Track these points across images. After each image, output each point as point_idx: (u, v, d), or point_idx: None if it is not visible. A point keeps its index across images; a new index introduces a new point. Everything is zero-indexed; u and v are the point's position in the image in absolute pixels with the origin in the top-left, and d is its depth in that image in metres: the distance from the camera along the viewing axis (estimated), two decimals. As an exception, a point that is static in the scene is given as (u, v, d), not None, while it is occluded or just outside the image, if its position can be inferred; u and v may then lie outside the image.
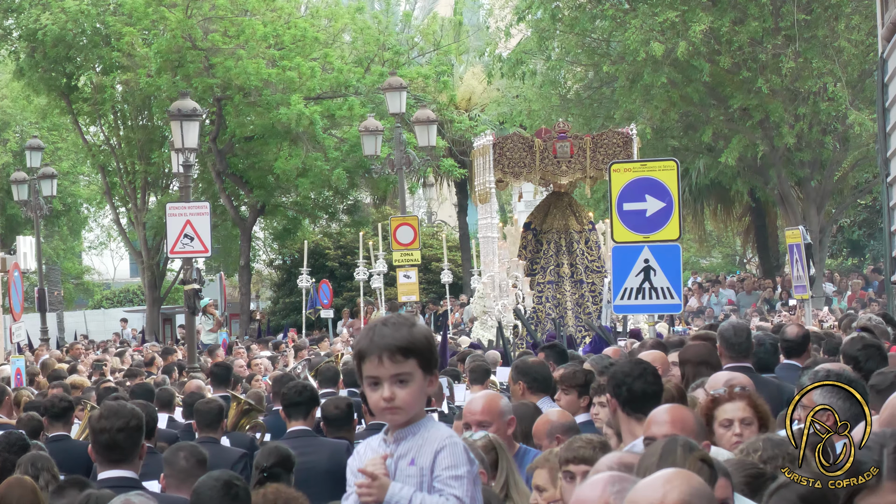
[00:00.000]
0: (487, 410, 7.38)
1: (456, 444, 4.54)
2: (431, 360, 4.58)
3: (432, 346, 4.60)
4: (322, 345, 27.46)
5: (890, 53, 18.37)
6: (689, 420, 6.16)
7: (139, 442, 7.31)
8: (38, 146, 37.54)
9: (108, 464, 7.24)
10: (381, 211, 46.96)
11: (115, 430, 7.21)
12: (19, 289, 25.24)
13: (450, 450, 4.52)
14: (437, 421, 4.68)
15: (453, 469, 4.50)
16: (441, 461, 4.51)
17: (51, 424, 11.10)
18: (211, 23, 40.02)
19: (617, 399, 6.96)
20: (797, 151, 34.66)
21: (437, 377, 4.63)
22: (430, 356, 4.58)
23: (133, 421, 7.26)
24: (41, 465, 7.95)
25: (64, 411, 11.16)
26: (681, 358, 9.68)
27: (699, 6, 33.59)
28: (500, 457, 6.63)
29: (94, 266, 64.35)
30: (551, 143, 23.55)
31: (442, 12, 47.54)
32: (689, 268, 46.33)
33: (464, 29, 45.09)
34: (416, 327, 4.60)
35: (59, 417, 11.10)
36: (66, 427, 11.19)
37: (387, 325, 4.59)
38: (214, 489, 6.12)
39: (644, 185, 15.28)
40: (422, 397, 4.59)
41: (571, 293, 23.95)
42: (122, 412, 7.30)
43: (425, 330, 4.65)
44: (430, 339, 4.61)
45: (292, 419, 9.75)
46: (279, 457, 7.74)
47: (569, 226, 24.40)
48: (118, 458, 7.22)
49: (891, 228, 19.11)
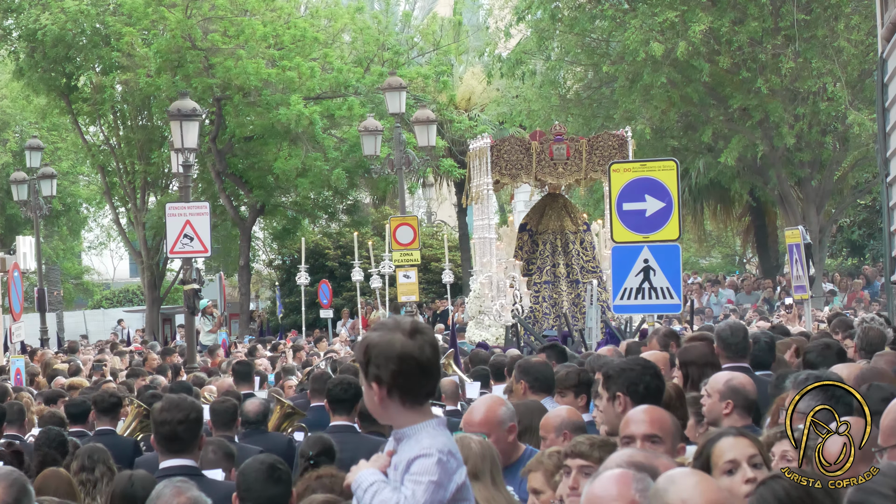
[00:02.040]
0: (486, 420, 7.35)
1: (429, 456, 4.57)
2: (364, 369, 4.65)
3: (369, 355, 4.63)
4: (321, 345, 27.47)
5: (890, 53, 18.36)
6: (667, 421, 6.24)
7: (198, 433, 7.71)
8: (38, 146, 37.54)
9: (168, 453, 7.66)
10: (380, 211, 46.96)
11: (176, 422, 7.62)
12: (19, 289, 25.24)
13: (423, 461, 4.58)
14: (436, 429, 4.66)
15: (417, 475, 4.57)
16: (412, 468, 4.58)
17: (98, 419, 11.47)
18: (211, 23, 40.02)
19: (631, 397, 6.91)
20: (797, 151, 34.66)
21: (376, 387, 4.63)
22: (365, 364, 4.65)
23: (193, 414, 7.70)
24: (97, 456, 8.32)
25: (113, 406, 11.48)
26: (683, 359, 9.66)
27: (699, 6, 33.59)
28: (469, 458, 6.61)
29: (94, 266, 64.35)
30: (548, 146, 23.78)
31: (442, 12, 47.54)
32: (688, 268, 46.33)
33: (463, 29, 45.08)
34: (369, 334, 4.68)
35: (107, 412, 11.41)
36: (113, 422, 11.53)
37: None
38: (259, 471, 6.49)
39: (644, 185, 15.27)
40: (371, 405, 4.68)
41: (568, 293, 24.12)
42: (182, 405, 7.72)
43: (372, 337, 4.66)
44: (369, 348, 4.63)
45: (336, 414, 10.16)
46: (323, 446, 8.21)
47: (564, 227, 24.58)
48: (178, 448, 7.63)
49: (891, 228, 19.11)
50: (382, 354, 4.61)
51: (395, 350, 4.60)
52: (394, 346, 4.61)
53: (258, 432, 10.90)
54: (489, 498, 6.46)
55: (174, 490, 5.56)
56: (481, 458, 6.54)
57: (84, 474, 8.22)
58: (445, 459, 4.58)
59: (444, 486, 4.56)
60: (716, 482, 4.12)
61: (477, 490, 6.38)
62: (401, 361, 4.61)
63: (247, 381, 14.75)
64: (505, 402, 7.67)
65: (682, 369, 9.53)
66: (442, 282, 36.78)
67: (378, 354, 4.62)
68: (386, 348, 4.61)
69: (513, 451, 7.31)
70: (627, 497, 4.14)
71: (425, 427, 4.64)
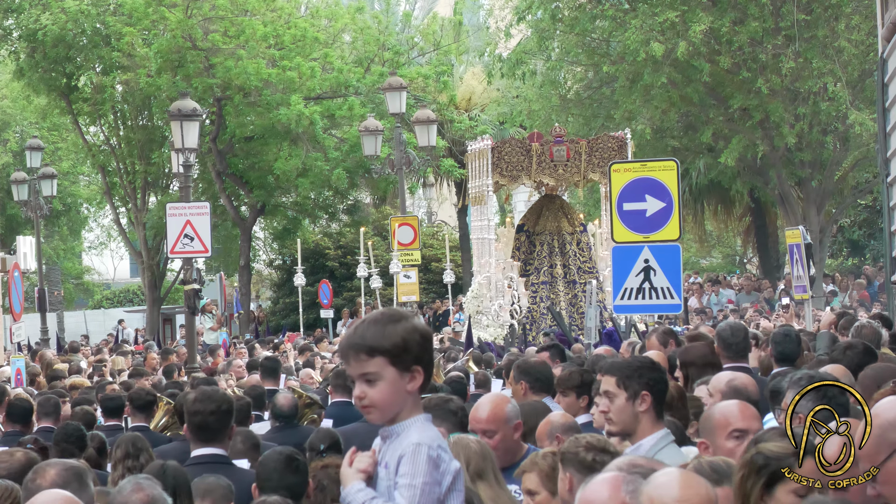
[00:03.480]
0: (493, 418, 7.34)
1: (418, 451, 4.52)
2: (405, 357, 4.56)
3: (407, 343, 4.56)
4: (321, 345, 27.45)
5: (890, 53, 18.37)
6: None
7: (229, 424, 8.05)
8: (38, 146, 37.56)
9: (200, 442, 7.99)
10: (381, 211, 46.95)
11: (208, 412, 7.96)
12: (19, 289, 25.23)
13: (410, 457, 4.52)
14: (423, 423, 4.62)
15: (408, 477, 4.51)
16: (401, 468, 4.53)
17: (133, 415, 11.91)
18: (211, 23, 40.02)
19: (654, 397, 6.81)
20: (797, 151, 34.65)
21: (419, 373, 4.58)
22: (401, 353, 4.56)
23: (224, 405, 8.04)
24: (140, 444, 8.59)
25: (148, 404, 11.83)
26: (683, 359, 9.66)
27: (699, 6, 33.59)
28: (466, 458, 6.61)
29: (94, 266, 64.37)
30: (548, 147, 23.88)
31: (442, 12, 47.53)
32: (689, 268, 46.33)
33: (464, 29, 45.07)
34: (392, 324, 4.58)
35: (142, 409, 11.78)
36: (147, 419, 11.83)
37: (365, 322, 4.63)
38: (278, 461, 6.80)
39: (644, 185, 15.28)
40: (397, 396, 4.58)
41: (565, 293, 24.25)
42: (214, 397, 8.08)
43: (405, 326, 4.59)
44: (405, 336, 4.56)
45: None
46: (332, 439, 8.50)
47: (561, 228, 24.69)
48: (209, 437, 7.96)
49: (891, 228, 19.11)
50: (416, 343, 4.58)
51: (421, 333, 4.60)
52: (418, 330, 4.60)
53: (290, 426, 11.10)
54: (494, 497, 6.47)
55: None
56: (482, 458, 6.54)
57: (129, 461, 8.48)
58: (436, 455, 4.54)
59: (437, 482, 4.54)
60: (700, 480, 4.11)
61: (481, 489, 6.40)
62: (427, 343, 4.62)
63: (273, 377, 14.86)
64: (510, 400, 7.66)
65: (683, 370, 9.54)
66: (443, 282, 36.76)
67: (414, 343, 4.57)
68: (413, 333, 4.58)
69: (518, 449, 7.31)
70: (618, 499, 4.16)
71: (415, 423, 4.60)
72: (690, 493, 4.00)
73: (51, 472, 5.82)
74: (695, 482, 4.06)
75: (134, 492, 5.48)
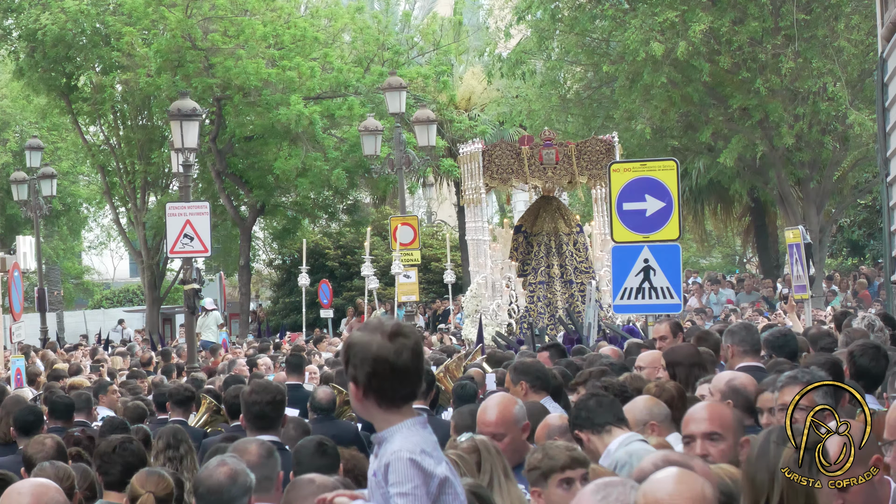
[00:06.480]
0: (501, 421, 7.35)
1: (399, 458, 4.55)
2: (351, 371, 4.65)
3: (348, 355, 4.65)
4: (321, 345, 27.45)
5: (890, 53, 18.38)
6: (728, 416, 6.57)
7: (282, 412, 8.77)
8: (38, 146, 37.57)
9: (257, 430, 8.55)
10: (380, 211, 46.96)
11: (265, 402, 8.61)
12: (19, 289, 25.23)
13: (394, 466, 4.56)
14: (411, 429, 4.64)
15: (398, 486, 4.54)
16: (389, 477, 4.57)
17: (172, 409, 12.52)
18: (211, 23, 40.03)
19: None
20: (797, 151, 34.64)
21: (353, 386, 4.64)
22: (344, 365, 4.69)
23: (279, 396, 8.74)
24: (180, 436, 9.08)
25: (187, 399, 12.57)
26: (670, 360, 9.67)
27: (699, 6, 33.58)
28: (482, 458, 6.63)
29: (94, 266, 64.36)
30: (537, 151, 24.07)
31: (442, 12, 47.55)
32: (689, 267, 46.33)
33: (463, 29, 45.09)
34: (353, 334, 4.70)
35: (181, 405, 12.48)
36: (185, 414, 12.48)
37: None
38: (309, 448, 7.32)
39: (644, 184, 15.29)
40: (359, 407, 4.69)
41: (562, 293, 24.39)
42: (270, 388, 8.80)
43: (353, 337, 4.68)
44: (349, 348, 4.64)
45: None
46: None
47: (558, 228, 24.83)
48: (266, 425, 8.61)
49: (891, 228, 19.12)
50: (359, 355, 4.62)
51: (371, 352, 4.60)
52: (370, 348, 4.60)
53: (328, 419, 11.53)
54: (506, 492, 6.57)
55: (219, 461, 6.24)
56: (497, 455, 6.63)
57: (170, 451, 8.95)
58: (419, 459, 4.55)
59: (424, 485, 4.55)
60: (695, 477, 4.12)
61: (509, 488, 6.55)
62: (375, 363, 4.59)
63: (297, 373, 15.05)
64: (517, 402, 7.64)
65: (669, 370, 9.56)
66: (443, 282, 36.77)
67: (355, 355, 4.63)
68: (363, 349, 4.62)
69: (525, 450, 7.33)
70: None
71: (400, 429, 4.62)
72: (683, 488, 4.01)
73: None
74: (688, 479, 4.07)
75: (219, 466, 6.18)
